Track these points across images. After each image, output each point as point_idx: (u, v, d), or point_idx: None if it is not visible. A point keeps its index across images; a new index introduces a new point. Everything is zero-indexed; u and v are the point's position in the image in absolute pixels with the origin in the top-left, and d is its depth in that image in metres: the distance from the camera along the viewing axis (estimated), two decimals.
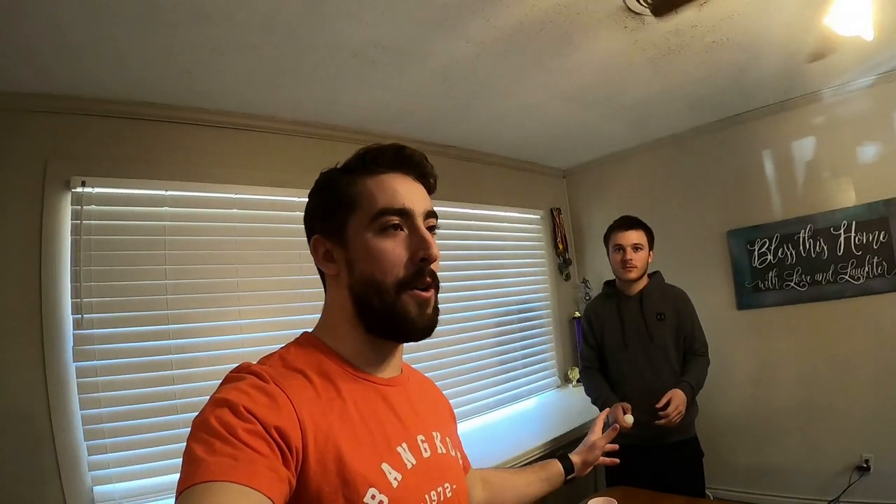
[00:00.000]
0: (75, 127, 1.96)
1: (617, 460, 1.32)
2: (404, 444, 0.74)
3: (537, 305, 3.60)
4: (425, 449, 0.77)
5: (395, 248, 0.74)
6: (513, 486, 1.15)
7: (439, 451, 0.80)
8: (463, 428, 2.79)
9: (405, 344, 0.83)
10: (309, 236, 0.81)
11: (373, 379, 0.77)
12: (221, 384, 0.66)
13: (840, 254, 2.70)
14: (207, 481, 0.52)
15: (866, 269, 2.62)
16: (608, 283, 2.36)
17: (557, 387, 3.57)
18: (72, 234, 1.91)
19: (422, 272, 0.74)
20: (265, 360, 0.72)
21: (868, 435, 2.61)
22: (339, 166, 0.83)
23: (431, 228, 0.80)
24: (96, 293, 1.93)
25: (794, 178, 2.89)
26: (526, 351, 3.41)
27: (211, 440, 0.56)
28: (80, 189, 1.93)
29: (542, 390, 3.44)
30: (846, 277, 2.69)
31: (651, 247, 2.23)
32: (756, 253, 2.98)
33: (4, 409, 1.72)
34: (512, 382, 3.27)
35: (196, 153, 2.22)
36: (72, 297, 1.88)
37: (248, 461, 0.55)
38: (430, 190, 0.85)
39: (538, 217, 3.74)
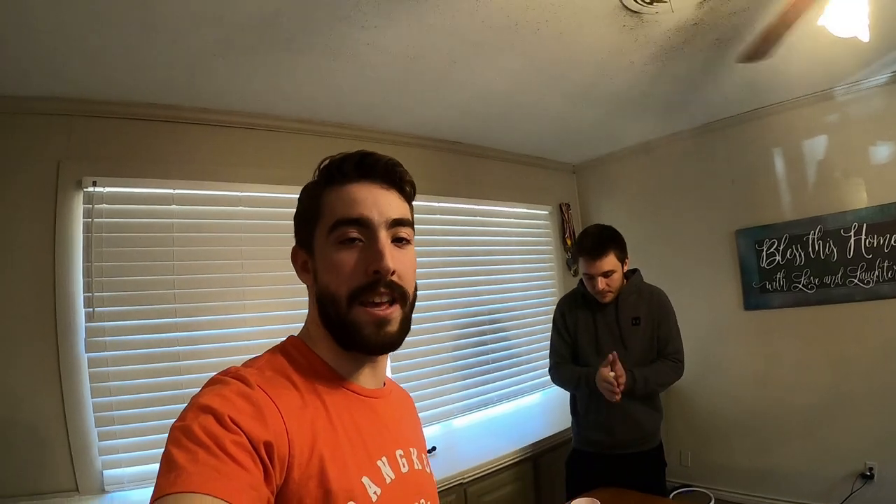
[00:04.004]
0: (87, 129, 2.06)
1: None
2: (384, 458, 0.73)
3: (544, 301, 3.61)
4: (403, 464, 0.76)
5: (349, 260, 0.71)
6: None
7: (416, 466, 0.79)
8: (467, 421, 2.89)
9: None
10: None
11: (357, 389, 0.76)
12: (205, 387, 0.64)
13: (850, 256, 2.64)
14: (187, 492, 0.51)
15: (876, 272, 2.55)
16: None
17: None
18: (84, 232, 2.01)
19: (374, 285, 0.70)
20: (252, 363, 0.71)
21: (873, 442, 2.56)
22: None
23: (400, 239, 0.75)
24: (107, 288, 2.04)
25: (805, 178, 2.82)
26: (531, 346, 3.43)
27: (194, 448, 0.54)
28: (91, 189, 2.03)
29: (546, 386, 3.45)
30: (855, 281, 2.62)
31: (625, 259, 2.09)
32: (764, 253, 2.93)
33: (20, 398, 1.84)
34: (517, 377, 3.30)
35: (202, 153, 2.29)
36: (84, 292, 1.99)
37: (231, 475, 0.54)
38: (407, 196, 0.79)
39: (546, 213, 3.74)
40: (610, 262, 2.00)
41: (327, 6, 1.66)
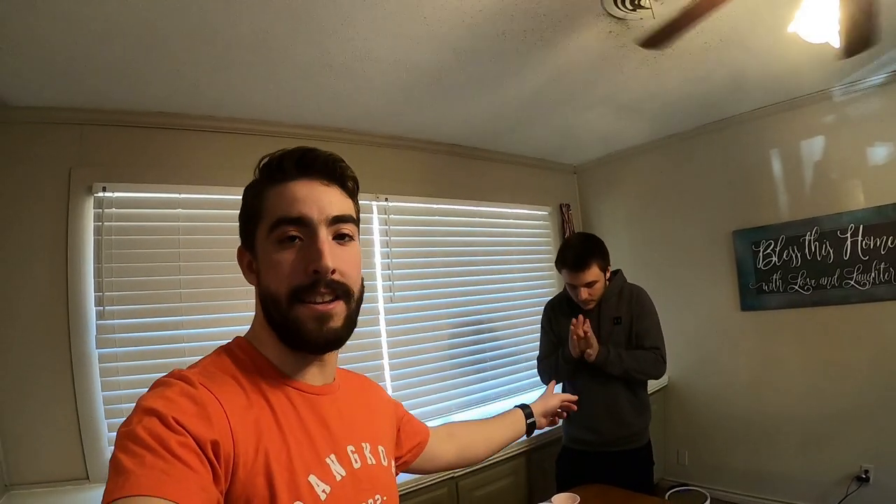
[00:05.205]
0: (96, 137, 2.17)
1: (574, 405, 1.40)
2: (333, 456, 0.73)
3: (543, 300, 3.62)
4: (355, 460, 0.76)
5: (289, 260, 0.71)
6: (483, 434, 1.21)
7: (369, 461, 0.79)
8: (465, 417, 2.96)
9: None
10: None
11: (302, 387, 0.75)
12: (149, 390, 0.64)
13: (846, 258, 2.62)
14: (136, 495, 0.51)
15: (872, 274, 2.54)
16: None
17: None
18: (94, 235, 2.13)
19: (315, 285, 0.70)
20: (196, 364, 0.71)
21: (868, 445, 2.55)
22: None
23: (343, 236, 0.75)
24: (117, 287, 2.15)
25: (802, 179, 2.81)
26: (530, 345, 3.48)
27: (141, 452, 0.54)
28: (101, 194, 2.14)
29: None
30: (851, 283, 2.61)
31: (606, 268, 2.11)
32: (761, 254, 2.93)
33: (35, 391, 1.96)
34: (515, 375, 3.36)
35: (206, 158, 2.39)
36: (95, 291, 2.11)
37: (179, 477, 0.54)
38: (349, 192, 0.79)
39: (546, 213, 3.77)
40: (592, 273, 2.02)
41: (317, 22, 1.73)
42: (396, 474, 0.93)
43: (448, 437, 1.14)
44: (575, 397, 1.41)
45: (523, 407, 1.31)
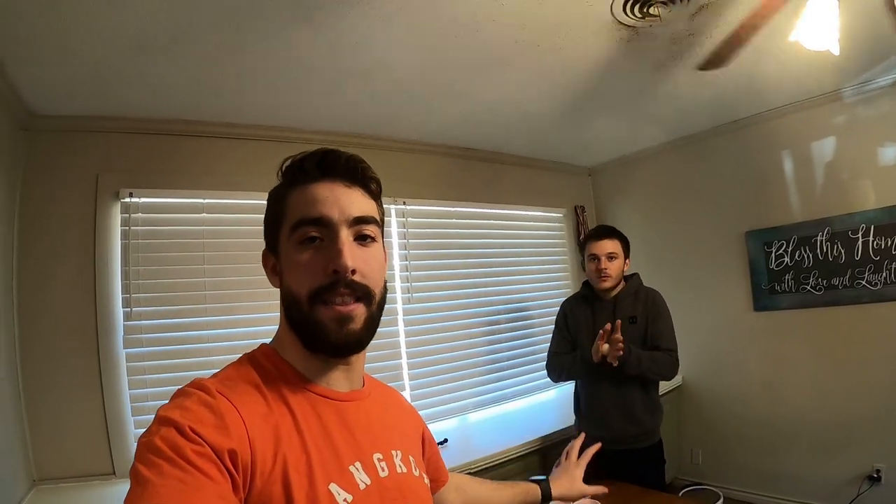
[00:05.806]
0: (123, 144, 2.24)
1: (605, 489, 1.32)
2: (357, 464, 0.70)
3: (558, 301, 3.65)
4: (382, 468, 0.73)
5: (310, 260, 0.71)
6: (488, 500, 1.14)
7: (398, 470, 0.76)
8: (482, 416, 3.01)
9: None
10: None
11: (327, 393, 0.74)
12: (169, 400, 0.65)
13: (857, 258, 2.64)
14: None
15: (884, 274, 2.55)
16: (586, 283, 2.35)
17: None
18: (121, 239, 2.20)
19: (335, 285, 0.70)
20: (217, 373, 0.71)
21: (880, 444, 2.55)
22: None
23: (364, 237, 0.75)
24: (143, 289, 2.22)
25: (813, 179, 2.83)
26: (545, 345, 3.51)
27: (158, 461, 0.54)
28: (128, 199, 2.22)
29: (561, 383, 3.54)
30: (863, 283, 2.62)
31: (627, 255, 2.21)
32: (773, 255, 2.95)
33: (65, 389, 2.03)
34: (531, 374, 3.39)
35: (229, 164, 2.46)
36: (122, 293, 2.18)
37: (197, 486, 0.54)
38: (372, 193, 0.79)
39: (561, 215, 3.81)
40: (614, 244, 2.14)
41: (336, 31, 1.80)
42: None
43: (456, 489, 1.09)
44: (606, 490, 1.32)
45: (542, 484, 1.21)
